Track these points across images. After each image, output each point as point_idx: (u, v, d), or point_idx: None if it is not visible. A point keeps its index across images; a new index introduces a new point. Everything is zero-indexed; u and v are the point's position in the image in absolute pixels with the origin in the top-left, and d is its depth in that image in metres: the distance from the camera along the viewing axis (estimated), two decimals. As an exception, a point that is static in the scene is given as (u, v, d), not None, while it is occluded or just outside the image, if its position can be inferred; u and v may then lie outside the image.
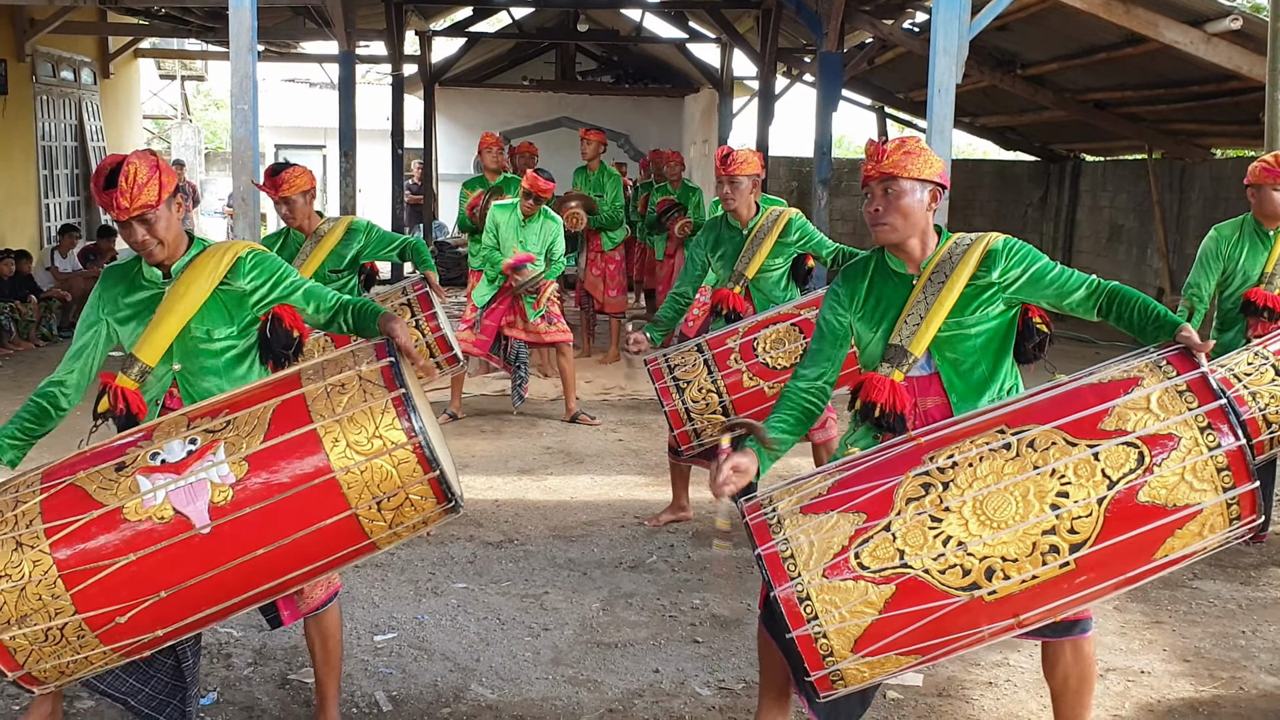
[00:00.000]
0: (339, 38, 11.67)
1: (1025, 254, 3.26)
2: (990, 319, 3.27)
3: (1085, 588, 2.91)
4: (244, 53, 7.37)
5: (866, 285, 3.40)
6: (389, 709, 3.99)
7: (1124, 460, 2.83)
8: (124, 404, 3.43)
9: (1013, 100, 12.58)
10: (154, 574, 3.02)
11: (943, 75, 7.04)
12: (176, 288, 3.44)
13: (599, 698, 4.11)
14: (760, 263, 5.62)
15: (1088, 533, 2.83)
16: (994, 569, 2.84)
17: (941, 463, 2.95)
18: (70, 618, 3.02)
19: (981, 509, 2.86)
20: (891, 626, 2.88)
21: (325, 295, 3.59)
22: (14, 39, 14.24)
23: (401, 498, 3.10)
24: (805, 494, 3.07)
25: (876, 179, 3.25)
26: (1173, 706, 4.10)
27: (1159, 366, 2.95)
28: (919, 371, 3.31)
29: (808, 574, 2.89)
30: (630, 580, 5.26)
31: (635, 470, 7.18)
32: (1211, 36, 7.65)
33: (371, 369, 3.15)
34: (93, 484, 3.08)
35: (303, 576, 3.18)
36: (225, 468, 3.04)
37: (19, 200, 14.51)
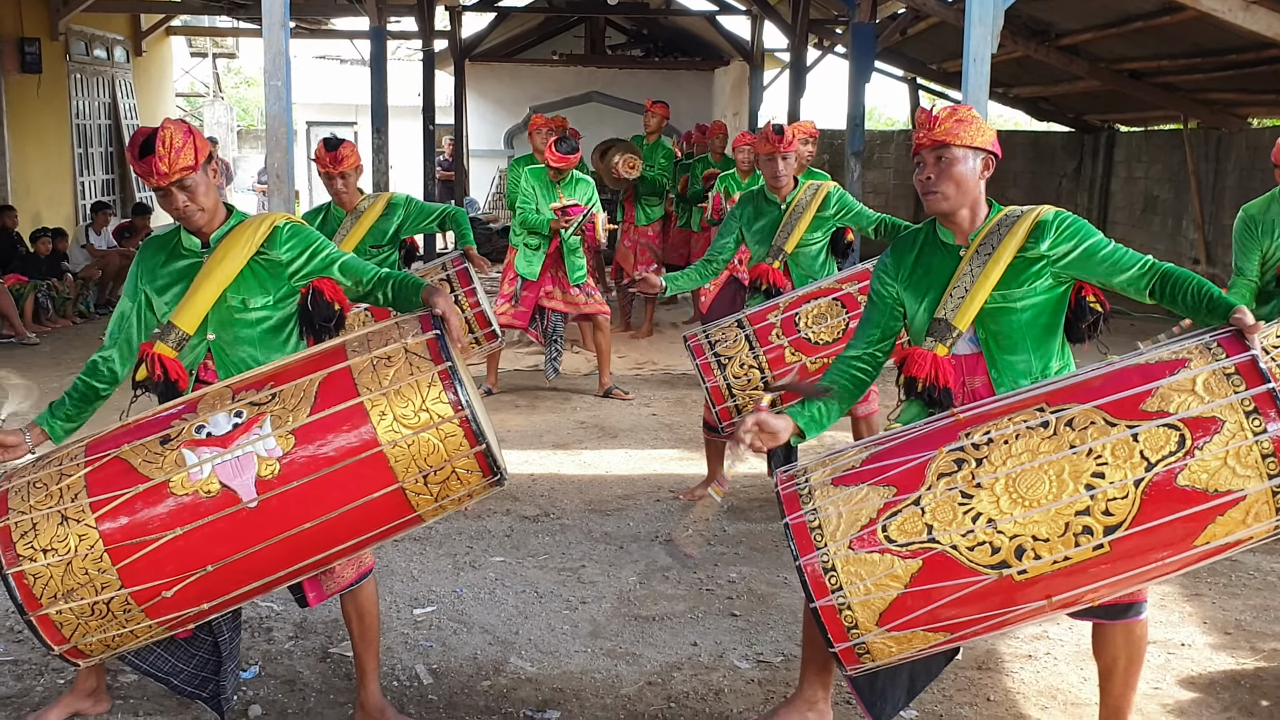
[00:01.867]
0: (370, 13, 11.66)
1: (1078, 228, 3.16)
2: (1038, 294, 3.18)
3: (1121, 571, 2.83)
4: (277, 29, 7.37)
5: (915, 256, 3.35)
6: (429, 681, 4.02)
7: (1164, 442, 2.75)
8: (162, 371, 3.40)
9: (1047, 70, 12.46)
10: (201, 548, 3.01)
11: (978, 45, 6.96)
12: (214, 255, 3.42)
13: (638, 670, 4.12)
14: (799, 237, 5.58)
15: (1123, 515, 2.75)
16: (1024, 548, 2.79)
17: (977, 439, 2.90)
18: (116, 592, 3.00)
19: (1014, 486, 2.80)
20: (917, 601, 2.84)
21: (364, 268, 3.55)
22: (48, 18, 14.31)
23: (448, 471, 3.08)
24: (839, 466, 3.04)
25: (929, 147, 3.18)
26: (1214, 679, 4.08)
27: (1209, 348, 2.85)
28: (965, 349, 3.24)
29: (834, 545, 2.87)
30: (666, 554, 5.27)
31: (669, 445, 7.18)
32: (1250, 3, 7.54)
33: (417, 341, 3.12)
34: (138, 457, 3.06)
35: (348, 550, 3.17)
36: (272, 441, 3.02)
37: (54, 178, 14.62)
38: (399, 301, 3.47)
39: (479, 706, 3.85)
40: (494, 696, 3.92)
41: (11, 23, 13.49)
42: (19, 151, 13.63)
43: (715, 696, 3.93)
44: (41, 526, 3.02)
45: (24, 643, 4.22)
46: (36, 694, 3.88)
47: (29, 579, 3.01)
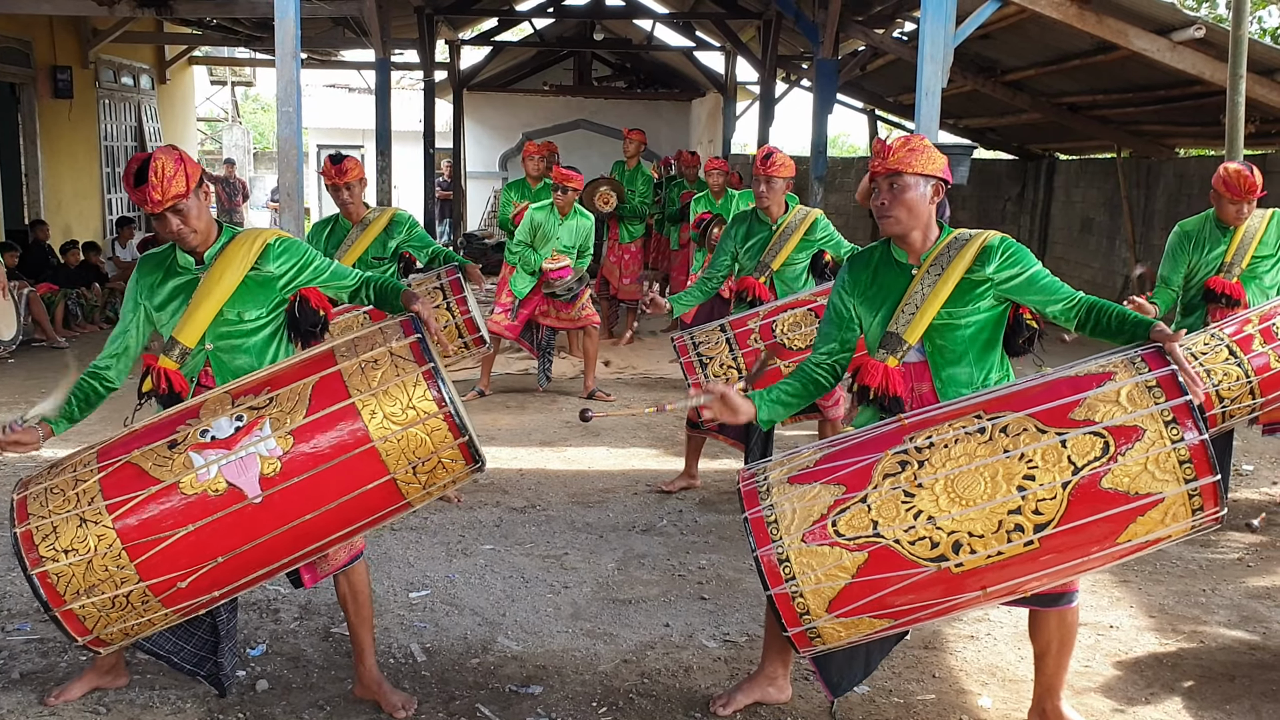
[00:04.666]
0: (376, 46, 11.63)
1: (1021, 256, 3.19)
2: (981, 312, 3.20)
3: (1050, 565, 2.87)
4: (289, 60, 7.36)
5: (870, 273, 3.34)
6: (423, 659, 4.00)
7: (1090, 448, 2.79)
8: (167, 384, 3.42)
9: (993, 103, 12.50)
10: (211, 541, 3.05)
11: (930, 80, 7.01)
12: (211, 274, 3.39)
13: (614, 649, 4.11)
14: (786, 256, 5.59)
15: (1052, 514, 2.79)
16: (961, 543, 2.83)
17: (920, 443, 2.94)
18: (135, 585, 3.04)
19: (953, 487, 2.84)
20: (863, 591, 2.88)
21: (348, 273, 3.59)
22: (79, 48, 14.25)
23: (434, 462, 3.12)
24: (795, 466, 3.08)
25: (883, 174, 3.19)
26: (1139, 659, 4.09)
27: (1133, 363, 2.88)
28: (913, 357, 3.26)
29: (788, 538, 2.92)
30: (643, 543, 5.26)
31: (647, 443, 7.17)
32: (1177, 44, 7.58)
33: (401, 345, 3.16)
34: (148, 461, 3.08)
35: (345, 536, 3.22)
36: (272, 441, 3.05)
37: (84, 196, 14.55)
38: (380, 302, 3.53)
39: (468, 682, 3.83)
40: (482, 673, 3.90)
41: (45, 52, 13.41)
42: (51, 170, 13.55)
43: (685, 673, 3.92)
44: (61, 529, 3.04)
45: (49, 623, 4.18)
46: (60, 669, 3.85)
47: (52, 578, 3.03)
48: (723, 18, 15.77)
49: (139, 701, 3.64)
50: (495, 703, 3.69)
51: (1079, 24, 7.48)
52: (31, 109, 13.20)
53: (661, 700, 3.72)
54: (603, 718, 3.60)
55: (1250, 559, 5.14)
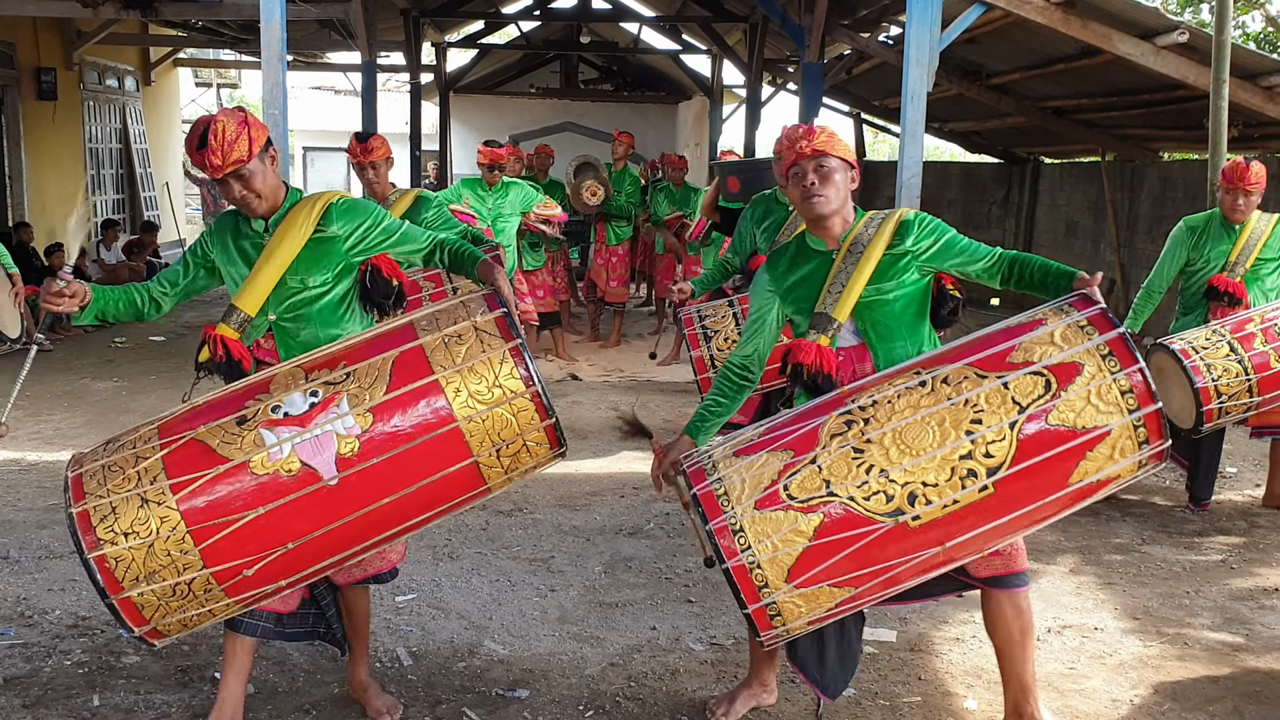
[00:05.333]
0: (362, 49, 11.60)
1: (935, 226, 3.25)
2: (906, 285, 3.21)
3: (1007, 511, 2.84)
4: (275, 62, 7.34)
5: (788, 264, 3.35)
6: (409, 663, 3.99)
7: (1032, 388, 2.80)
8: (225, 352, 3.22)
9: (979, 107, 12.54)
10: (282, 526, 2.87)
11: (915, 84, 7.02)
12: (273, 239, 3.25)
13: (601, 652, 4.11)
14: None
15: (1003, 456, 2.77)
16: (915, 494, 2.79)
17: (863, 402, 2.92)
18: (199, 573, 2.85)
19: (901, 439, 2.81)
20: (822, 554, 2.82)
21: (418, 235, 3.41)
22: (63, 49, 14.18)
23: (519, 445, 2.98)
24: (738, 441, 3.04)
25: (810, 156, 3.20)
26: (1123, 660, 4.11)
27: (1061, 309, 2.94)
28: (850, 341, 3.26)
29: (740, 507, 2.85)
30: (629, 546, 5.26)
31: (633, 446, 7.17)
32: (1160, 49, 7.62)
33: (486, 320, 3.00)
34: (215, 438, 2.89)
35: (421, 523, 3.06)
36: (350, 419, 2.88)
37: (68, 198, 14.47)
38: (455, 267, 3.37)
39: (455, 686, 3.82)
40: (469, 677, 3.90)
41: (30, 54, 13.35)
42: (35, 173, 13.48)
43: (672, 676, 3.92)
44: (121, 510, 2.84)
45: (34, 626, 4.17)
46: (45, 675, 3.83)
47: (110, 562, 2.83)
48: (709, 21, 15.79)
49: (124, 706, 3.63)
50: (482, 706, 3.68)
51: (1064, 28, 7.51)
52: (15, 111, 13.13)
53: (648, 703, 3.72)
54: (589, 721, 3.61)
55: (1233, 561, 5.16)
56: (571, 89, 20.65)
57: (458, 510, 3.12)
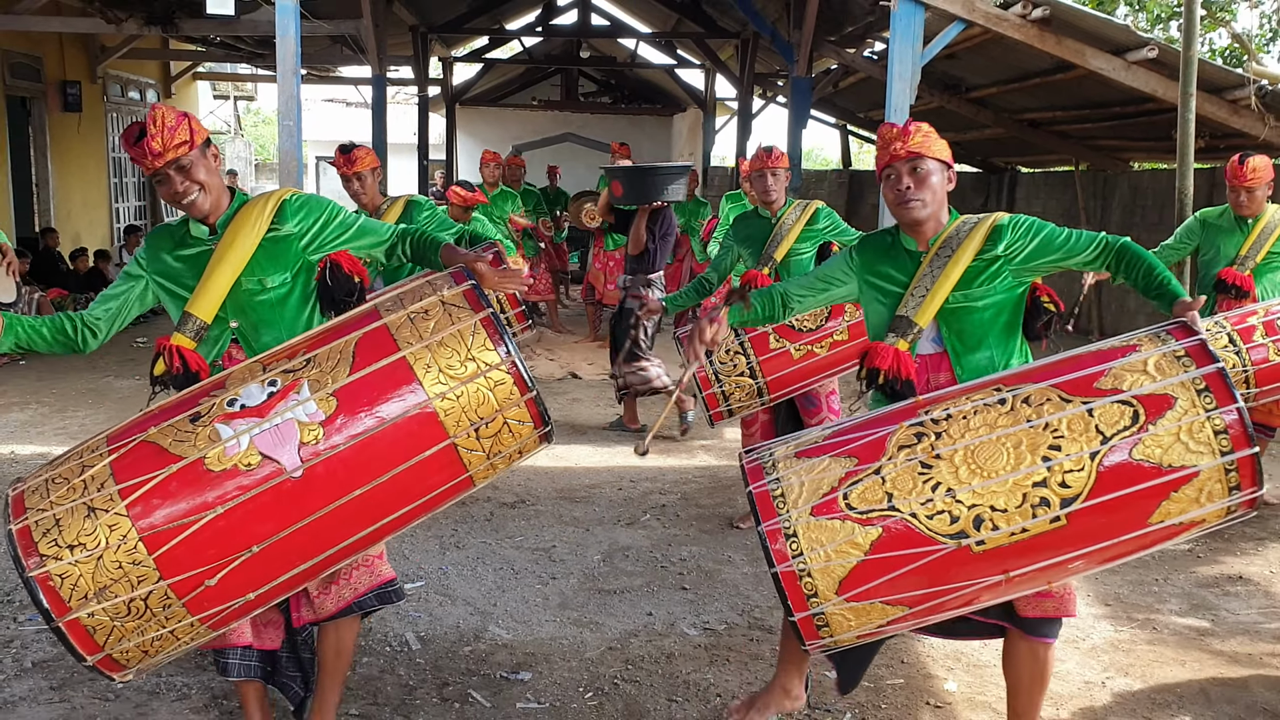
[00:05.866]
0: (372, 63, 11.58)
1: (1031, 226, 2.94)
2: (997, 293, 2.91)
3: (1077, 548, 2.54)
4: (289, 75, 7.35)
5: (880, 257, 3.08)
6: (417, 647, 3.99)
7: (1118, 417, 2.49)
8: (181, 363, 2.85)
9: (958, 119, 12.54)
10: (244, 527, 2.51)
11: (898, 97, 7.03)
12: (224, 241, 2.91)
13: (600, 637, 4.11)
14: (789, 247, 5.15)
15: (1080, 487, 2.47)
16: (982, 518, 2.50)
17: (936, 415, 2.64)
18: (154, 585, 2.46)
19: (973, 458, 2.52)
20: (877, 570, 2.54)
21: (379, 228, 3.08)
22: (88, 63, 14.17)
23: (499, 423, 2.62)
24: (802, 442, 2.79)
25: (904, 158, 2.91)
26: (1095, 644, 4.11)
27: (1158, 336, 2.63)
28: (929, 349, 2.97)
29: (795, 511, 2.59)
30: (627, 536, 5.26)
31: (631, 441, 7.15)
32: (1131, 64, 7.62)
33: (454, 293, 2.68)
34: (167, 438, 2.53)
35: (399, 521, 2.69)
36: (312, 405, 2.53)
37: (93, 205, 14.46)
38: (419, 257, 3.04)
39: (460, 669, 3.82)
40: (474, 660, 3.90)
41: (55, 67, 13.33)
42: (61, 181, 13.46)
43: (667, 659, 3.92)
44: (66, 521, 2.47)
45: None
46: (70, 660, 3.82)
47: (55, 580, 2.44)
48: (703, 37, 15.79)
49: (146, 688, 3.62)
50: (487, 688, 3.68)
51: (1039, 44, 7.51)
52: (42, 122, 13.12)
53: (645, 685, 3.72)
54: (589, 703, 3.60)
55: (1200, 550, 5.17)
56: (572, 101, 20.67)
57: (440, 506, 2.75)
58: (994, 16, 7.36)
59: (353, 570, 3.03)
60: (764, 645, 4.02)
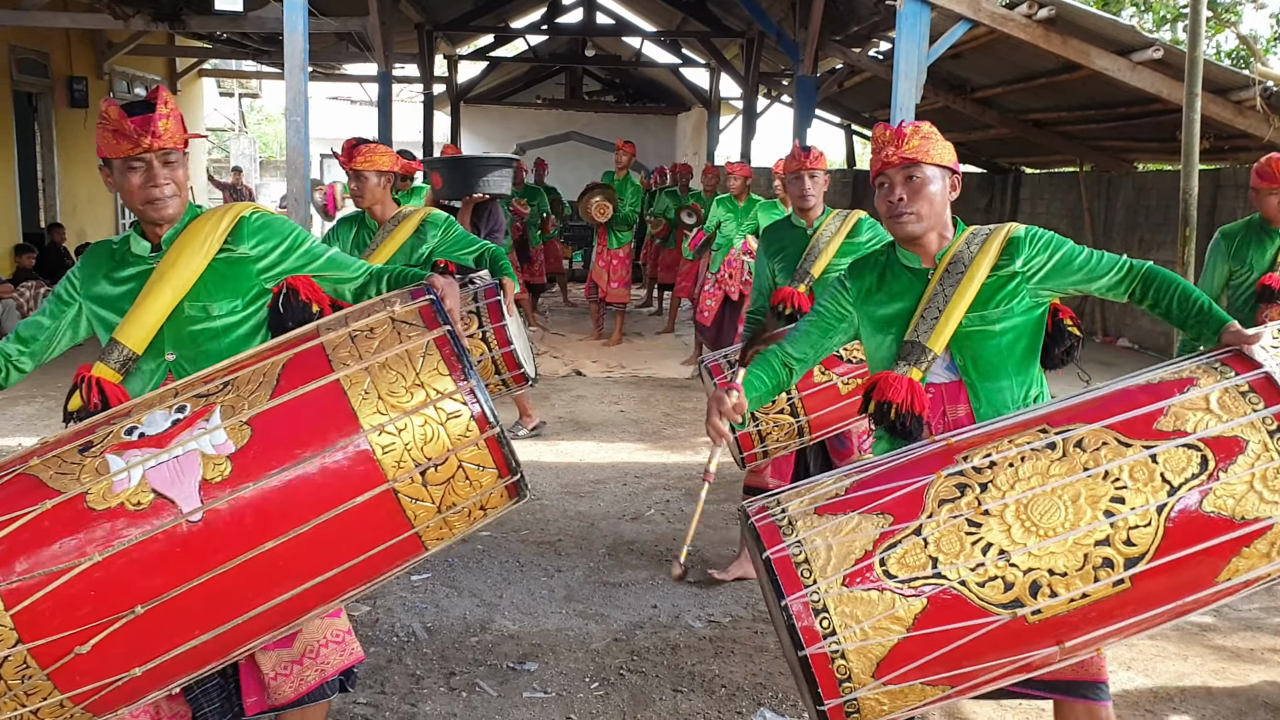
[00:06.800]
0: (379, 60, 11.60)
1: (1049, 241, 2.62)
2: (1015, 314, 2.58)
3: (1137, 613, 2.21)
4: (297, 71, 7.36)
5: (876, 280, 2.71)
6: (425, 637, 4.03)
7: (1185, 464, 2.16)
8: (101, 399, 2.42)
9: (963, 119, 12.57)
10: (126, 580, 1.99)
11: (904, 97, 7.06)
12: (166, 258, 2.49)
13: (605, 629, 4.14)
14: (827, 261, 4.44)
15: (1146, 545, 2.14)
16: (1040, 584, 2.14)
17: (977, 462, 2.25)
18: (11, 650, 1.95)
19: (1026, 514, 2.16)
20: (921, 648, 2.15)
21: (350, 263, 2.66)
22: (94, 59, 14.21)
23: (452, 466, 2.11)
24: (819, 494, 2.33)
25: (897, 165, 2.58)
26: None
27: (1213, 368, 2.30)
28: (943, 377, 2.62)
29: (824, 582, 2.16)
30: (631, 530, 5.29)
31: (635, 438, 7.20)
32: (1136, 64, 7.64)
33: (407, 308, 2.21)
34: (48, 470, 2.07)
35: (327, 587, 2.13)
36: (221, 434, 2.05)
37: (99, 201, 14.50)
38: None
39: (468, 659, 3.86)
40: (481, 650, 3.93)
41: (62, 63, 13.37)
42: (68, 176, 13.51)
43: (672, 651, 3.95)
44: None
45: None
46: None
47: None
48: (708, 36, 15.82)
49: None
50: (494, 678, 3.72)
51: (1045, 44, 7.53)
52: (48, 117, 13.16)
53: (650, 676, 3.75)
54: (595, 692, 3.64)
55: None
56: (576, 100, 20.72)
57: (381, 574, 2.21)
58: (1000, 16, 7.39)
59: (319, 647, 2.57)
60: (768, 638, 4.05)
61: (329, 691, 2.56)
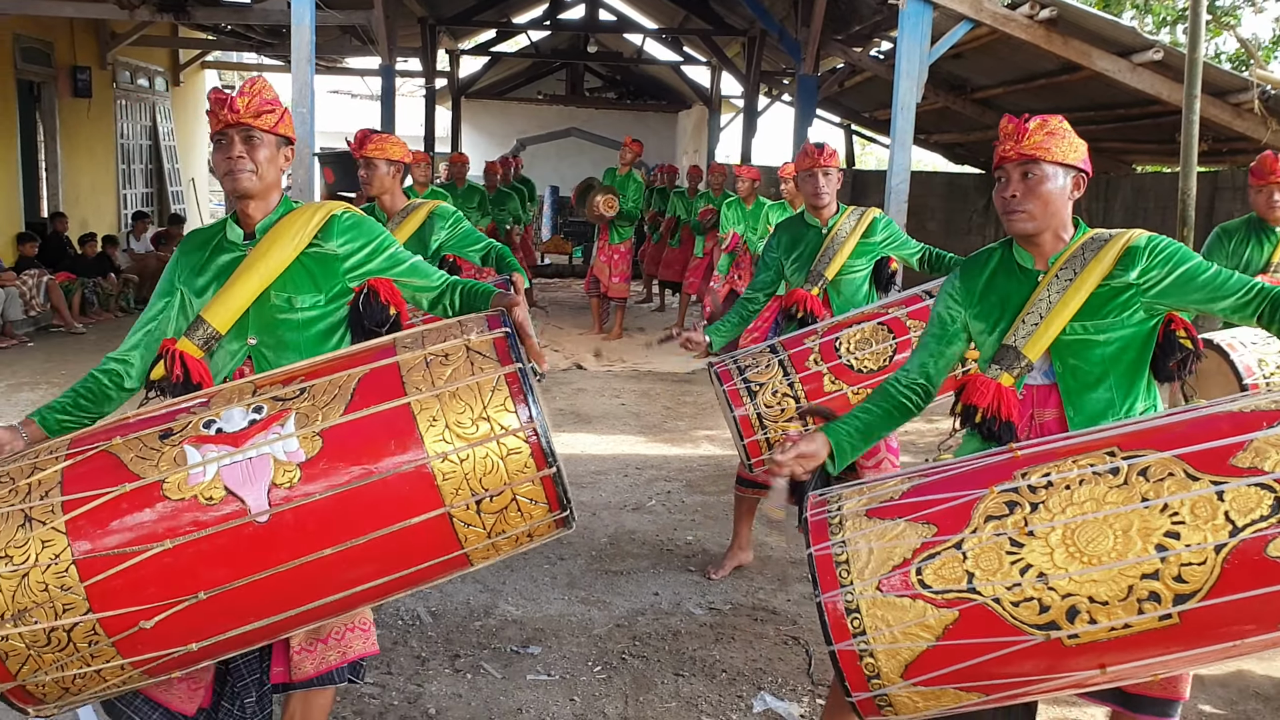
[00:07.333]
0: (382, 54, 11.65)
1: (1173, 253, 2.47)
2: (1126, 326, 2.49)
3: (1190, 648, 2.12)
4: (303, 64, 7.43)
5: (986, 279, 2.65)
6: (429, 621, 4.08)
7: (1255, 504, 2.04)
8: (183, 371, 2.55)
9: (963, 120, 12.63)
10: (193, 568, 2.16)
11: (905, 96, 7.13)
12: (259, 247, 2.62)
13: (608, 615, 4.20)
14: (842, 263, 4.42)
15: (1199, 584, 2.04)
16: (1078, 609, 2.10)
17: (1034, 480, 2.20)
18: (81, 617, 2.13)
19: (1073, 539, 2.12)
20: (949, 657, 2.18)
21: (431, 272, 2.77)
22: (98, 50, 14.24)
23: (507, 498, 2.24)
24: (876, 496, 2.37)
25: (1015, 161, 2.51)
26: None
27: None
28: (1040, 380, 2.56)
29: (860, 584, 2.22)
30: (633, 520, 5.35)
31: (635, 430, 7.26)
32: (1137, 66, 7.71)
33: (482, 339, 2.32)
34: (130, 452, 2.22)
35: (374, 592, 2.30)
36: (294, 442, 2.20)
37: (101, 190, 14.54)
38: (466, 310, 2.69)
39: (472, 642, 3.91)
40: (485, 634, 3.99)
41: (66, 53, 13.41)
42: (70, 165, 13.54)
43: (673, 637, 4.01)
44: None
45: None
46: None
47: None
48: (709, 34, 15.88)
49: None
50: (498, 660, 3.77)
51: (1046, 45, 7.59)
52: (52, 106, 13.19)
53: (652, 661, 3.81)
54: (598, 676, 3.69)
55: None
56: (577, 96, 20.77)
57: (426, 582, 2.37)
58: (1001, 16, 7.45)
59: (346, 631, 2.66)
60: (768, 625, 4.11)
61: (339, 678, 2.65)
